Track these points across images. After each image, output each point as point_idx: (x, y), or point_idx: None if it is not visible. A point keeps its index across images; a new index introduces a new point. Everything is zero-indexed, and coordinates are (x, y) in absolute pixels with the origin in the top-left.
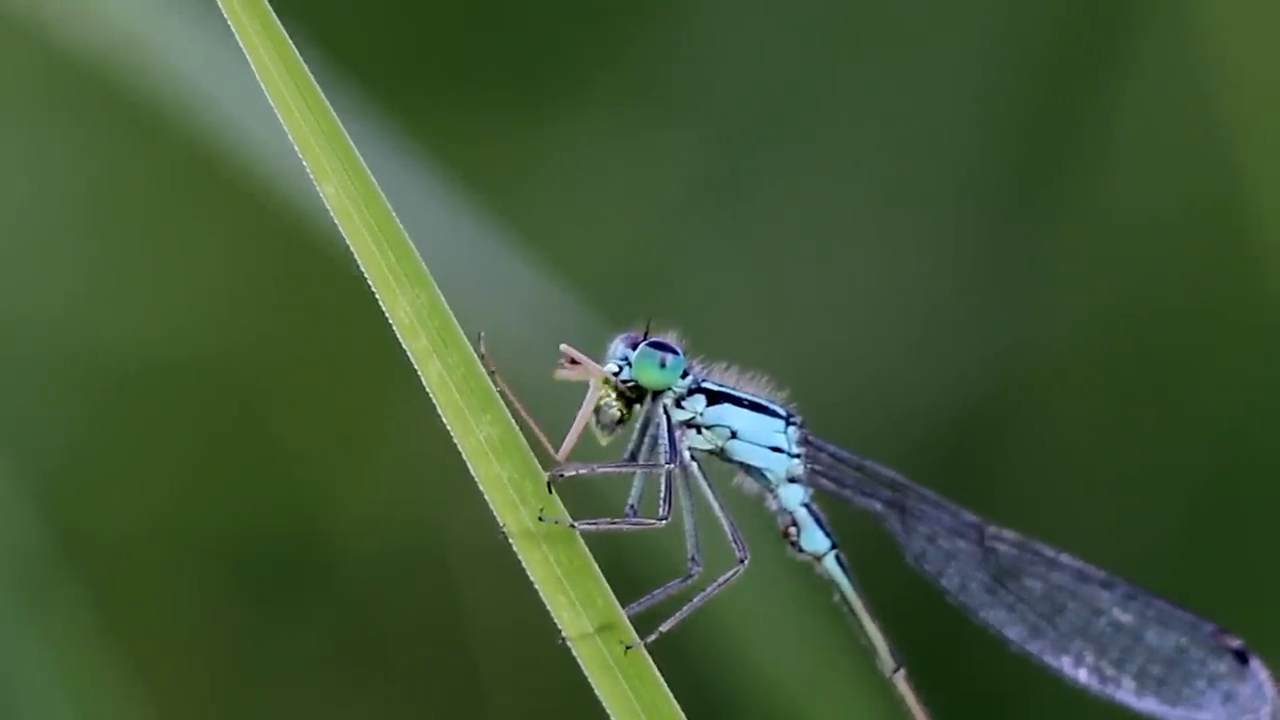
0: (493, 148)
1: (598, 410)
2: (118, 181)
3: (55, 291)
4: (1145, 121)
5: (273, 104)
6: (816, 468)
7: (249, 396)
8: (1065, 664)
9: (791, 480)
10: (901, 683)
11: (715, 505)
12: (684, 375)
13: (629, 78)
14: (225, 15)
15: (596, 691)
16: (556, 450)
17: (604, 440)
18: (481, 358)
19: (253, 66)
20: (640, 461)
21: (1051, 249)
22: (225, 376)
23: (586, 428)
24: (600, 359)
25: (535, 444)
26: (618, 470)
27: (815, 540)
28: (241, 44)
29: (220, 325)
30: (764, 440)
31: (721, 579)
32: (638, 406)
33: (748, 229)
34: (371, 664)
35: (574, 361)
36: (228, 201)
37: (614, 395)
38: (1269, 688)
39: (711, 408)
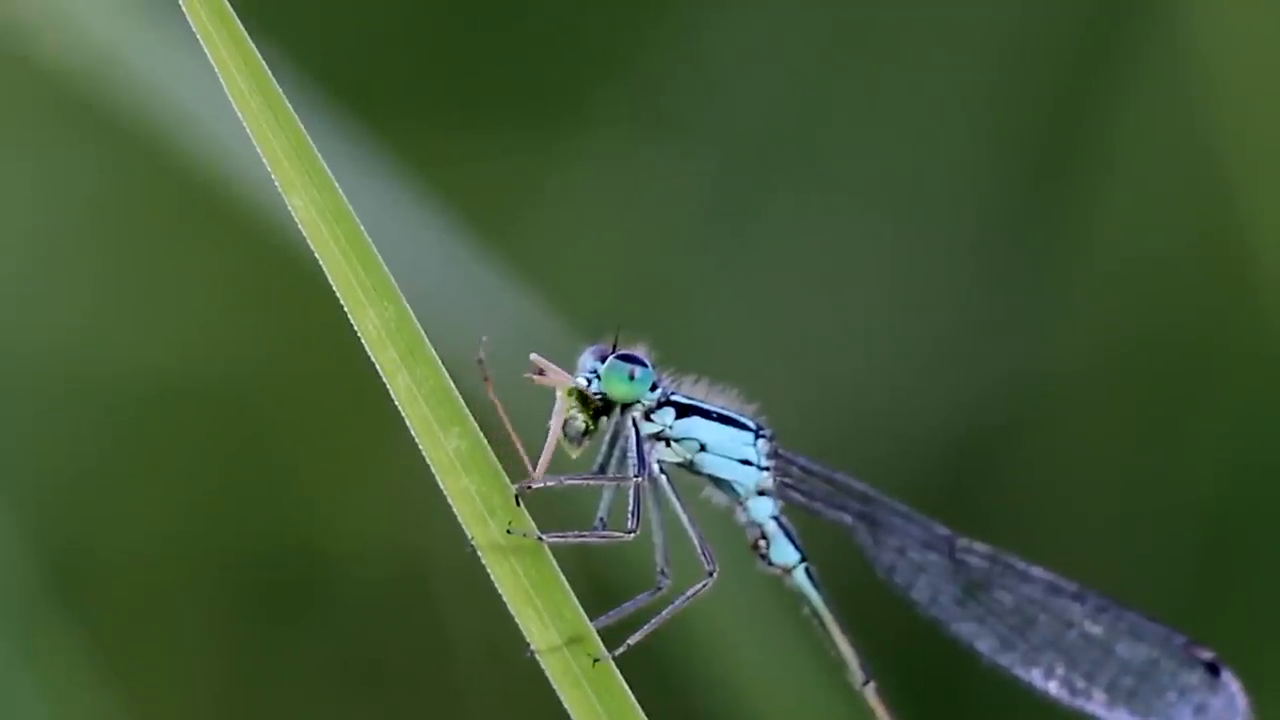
0: (493, 168)
1: (564, 423)
2: (117, 207)
3: (56, 318)
4: (1148, 152)
5: (241, 117)
6: (786, 480)
7: (250, 420)
8: (1036, 676)
9: (761, 493)
10: (872, 696)
11: (684, 518)
12: (653, 388)
13: (631, 97)
14: (193, 26)
15: (565, 704)
16: (534, 468)
17: (574, 453)
18: (480, 363)
19: (221, 80)
20: (609, 474)
21: (1057, 278)
22: (226, 400)
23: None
24: (571, 372)
25: (514, 458)
26: (586, 483)
27: (785, 553)
28: (210, 56)
29: (221, 350)
30: (733, 453)
31: (690, 591)
32: (604, 419)
33: (751, 252)
34: (370, 682)
35: (541, 371)
36: (227, 225)
37: (578, 406)
38: (1241, 700)
39: (680, 420)
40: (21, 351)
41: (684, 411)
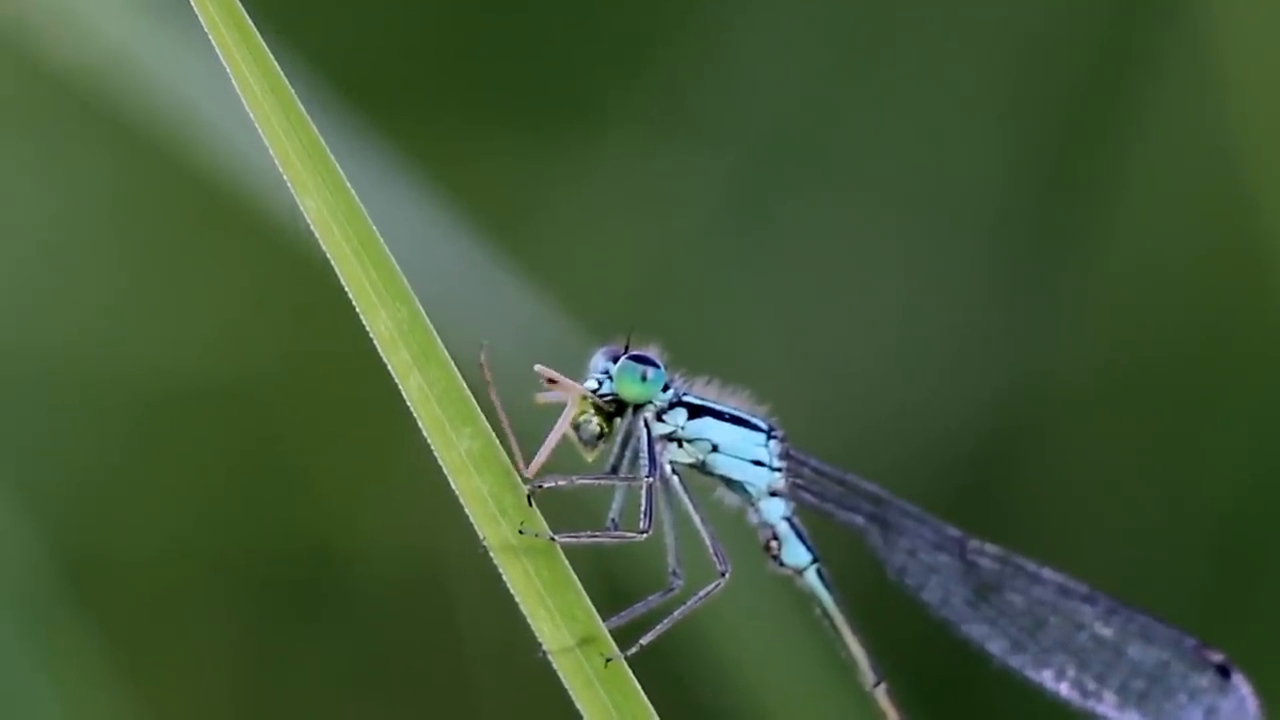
0: (507, 168)
1: (578, 426)
2: (134, 207)
3: (73, 319)
4: (1168, 157)
5: (253, 117)
6: (798, 481)
7: (264, 421)
8: (1047, 678)
9: (773, 494)
10: (883, 697)
11: (696, 518)
12: (665, 388)
13: (648, 98)
14: (205, 28)
15: (577, 704)
16: (528, 465)
17: (590, 456)
18: (480, 368)
19: (234, 82)
20: (621, 475)
21: (1075, 283)
22: (240, 401)
23: (566, 442)
24: (583, 373)
25: (527, 459)
26: (598, 483)
27: (796, 554)
28: (222, 58)
29: (235, 351)
30: (745, 454)
31: (703, 592)
32: (618, 421)
33: (765, 254)
34: (383, 681)
35: (551, 381)
36: (240, 227)
37: (593, 411)
38: (1251, 703)
39: (692, 421)
40: (38, 352)
41: (696, 412)
